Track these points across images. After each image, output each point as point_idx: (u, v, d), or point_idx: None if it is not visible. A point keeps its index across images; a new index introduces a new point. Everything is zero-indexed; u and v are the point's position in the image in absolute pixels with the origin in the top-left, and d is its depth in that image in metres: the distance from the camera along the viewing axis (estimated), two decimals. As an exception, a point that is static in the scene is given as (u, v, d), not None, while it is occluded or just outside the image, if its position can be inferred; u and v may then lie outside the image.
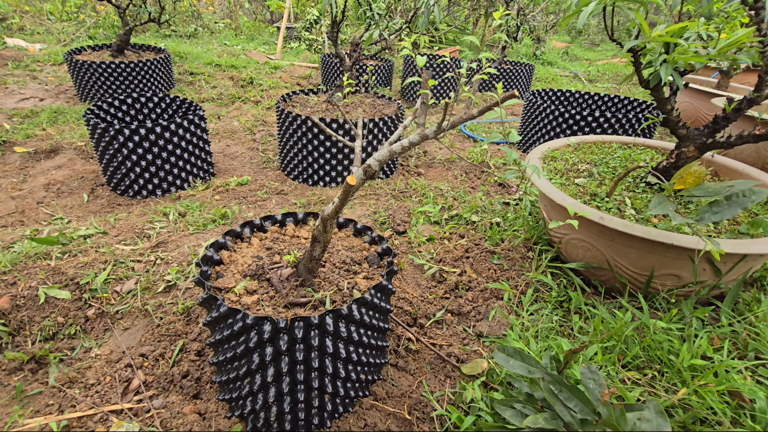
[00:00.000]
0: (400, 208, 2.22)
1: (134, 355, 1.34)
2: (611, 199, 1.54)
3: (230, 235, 1.33)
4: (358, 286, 1.20)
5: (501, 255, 1.77)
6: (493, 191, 2.52)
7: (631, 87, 5.84)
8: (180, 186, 2.43)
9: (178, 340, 1.40)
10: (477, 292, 1.61)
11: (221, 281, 1.18)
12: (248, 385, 1.09)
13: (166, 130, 2.27)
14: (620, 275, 1.48)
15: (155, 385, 1.26)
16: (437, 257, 1.80)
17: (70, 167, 2.64)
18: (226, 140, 3.19)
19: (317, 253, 1.10)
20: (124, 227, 1.97)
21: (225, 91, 4.25)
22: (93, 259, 1.66)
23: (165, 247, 1.84)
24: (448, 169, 2.88)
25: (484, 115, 3.95)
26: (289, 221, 1.46)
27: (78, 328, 1.46)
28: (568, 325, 1.43)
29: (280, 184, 2.56)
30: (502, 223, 2.03)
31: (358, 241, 1.42)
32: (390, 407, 1.24)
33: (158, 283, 1.62)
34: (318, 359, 1.06)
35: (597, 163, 1.83)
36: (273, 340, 1.00)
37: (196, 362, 1.33)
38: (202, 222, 2.03)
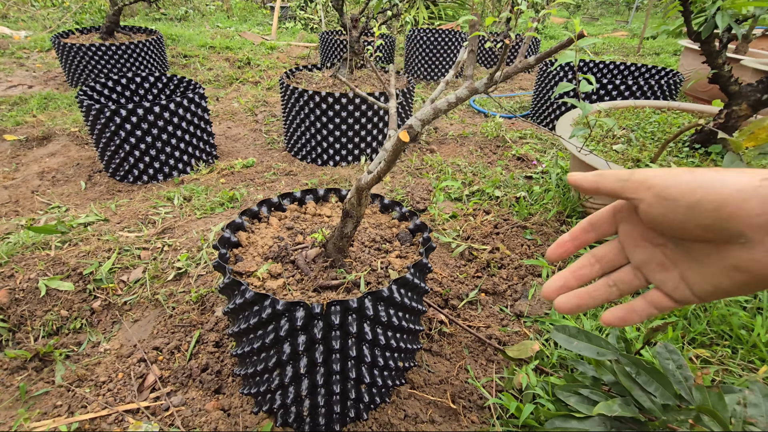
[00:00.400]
0: (418, 185, 2.09)
1: (147, 348, 1.23)
2: (657, 165, 1.42)
3: (247, 215, 1.20)
4: (392, 265, 1.09)
5: (533, 230, 1.65)
6: (512, 165, 2.40)
7: (638, 59, 5.66)
8: (182, 170, 2.30)
9: (193, 330, 1.29)
10: (511, 270, 1.50)
11: (241, 265, 1.06)
12: (278, 377, 0.98)
13: (165, 110, 2.13)
14: (668, 246, 1.37)
15: (173, 381, 1.15)
16: (464, 234, 1.69)
17: (65, 154, 2.50)
18: (227, 122, 3.04)
19: (349, 229, 0.98)
20: (127, 213, 1.85)
21: (222, 72, 4.07)
22: (96, 247, 1.53)
23: (172, 233, 1.72)
24: (461, 145, 2.75)
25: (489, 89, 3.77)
26: (309, 198, 1.34)
27: (84, 321, 1.34)
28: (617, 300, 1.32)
29: (287, 164, 2.43)
30: (528, 197, 1.91)
31: (386, 218, 1.30)
32: (430, 395, 1.14)
33: (168, 270, 1.50)
34: (355, 347, 0.95)
35: (633, 128, 1.70)
36: (307, 327, 0.89)
37: (215, 354, 1.23)
38: (209, 206, 1.90)
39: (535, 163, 2.36)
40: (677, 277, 0.40)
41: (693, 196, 0.35)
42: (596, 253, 0.45)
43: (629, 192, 0.39)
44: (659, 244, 0.41)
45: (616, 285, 0.44)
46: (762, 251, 0.33)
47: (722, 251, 0.36)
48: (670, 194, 0.36)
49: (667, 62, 5.27)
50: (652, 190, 0.37)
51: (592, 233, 0.46)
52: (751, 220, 0.33)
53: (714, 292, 0.38)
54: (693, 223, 0.36)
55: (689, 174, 0.36)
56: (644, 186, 0.38)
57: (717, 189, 0.34)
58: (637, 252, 0.43)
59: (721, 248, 0.36)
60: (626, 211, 0.43)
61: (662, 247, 0.41)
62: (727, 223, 0.34)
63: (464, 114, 3.39)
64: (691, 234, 0.37)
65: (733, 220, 0.34)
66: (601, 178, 0.41)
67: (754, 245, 0.34)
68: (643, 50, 6.13)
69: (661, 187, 0.37)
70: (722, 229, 0.34)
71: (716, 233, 0.35)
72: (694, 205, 0.35)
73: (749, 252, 0.34)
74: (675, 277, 0.40)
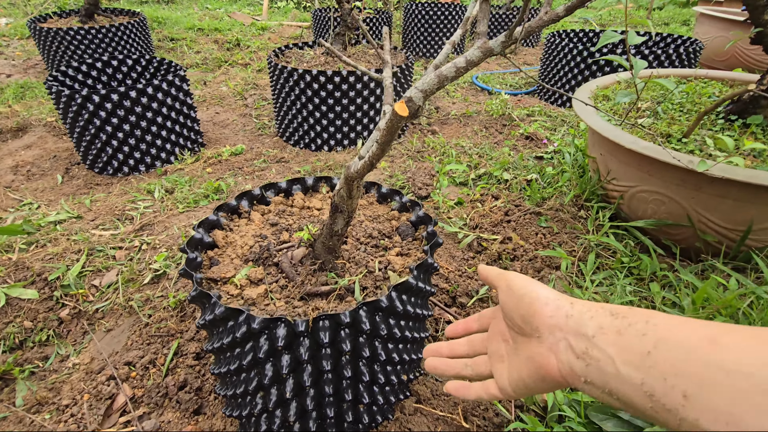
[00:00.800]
0: (419, 170, 1.93)
1: (119, 363, 1.10)
2: (690, 140, 1.25)
3: (224, 211, 1.05)
4: (392, 265, 0.93)
5: (548, 216, 1.49)
6: (520, 145, 2.22)
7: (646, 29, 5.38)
8: (166, 159, 2.13)
9: (171, 341, 1.15)
10: (525, 262, 1.35)
11: (216, 270, 0.91)
12: (261, 400, 0.84)
13: (142, 95, 1.95)
14: (704, 232, 1.21)
15: (146, 401, 1.01)
16: (472, 223, 1.53)
17: (41, 146, 2.34)
18: (215, 107, 2.86)
19: (339, 226, 0.83)
20: (102, 209, 1.69)
21: (210, 55, 3.86)
22: (64, 248, 1.39)
23: (151, 230, 1.57)
24: (465, 125, 2.57)
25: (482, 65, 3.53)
26: (297, 189, 1.18)
27: (51, 332, 1.20)
28: (646, 296, 1.17)
29: (279, 151, 2.26)
30: (541, 180, 1.75)
31: (384, 209, 1.14)
32: (438, 410, 1.01)
33: (144, 272, 1.35)
34: (351, 365, 0.81)
35: (659, 99, 1.52)
36: (291, 346, 0.75)
37: (195, 368, 1.09)
38: (192, 198, 1.74)
39: (545, 142, 2.19)
40: (506, 369, 0.49)
41: (521, 291, 0.47)
42: (471, 339, 0.58)
43: (497, 281, 0.52)
44: (505, 339, 0.51)
45: (470, 366, 0.55)
46: (545, 346, 0.43)
47: (526, 344, 0.46)
48: (512, 286, 0.48)
49: (677, 32, 5.01)
50: (507, 281, 0.50)
51: (477, 324, 0.58)
52: (545, 320, 0.43)
53: (518, 382, 0.47)
54: (517, 312, 0.47)
55: (527, 279, 0.49)
56: (504, 278, 0.51)
57: (535, 291, 0.46)
58: (492, 344, 0.53)
59: (527, 341, 0.46)
60: (499, 313, 0.53)
61: (506, 343, 0.51)
62: (532, 318, 0.45)
63: (467, 92, 3.19)
64: (517, 323, 0.47)
65: (535, 317, 0.44)
66: (490, 270, 0.55)
67: (542, 341, 0.43)
68: (652, 21, 5.85)
69: (510, 279, 0.49)
70: (529, 322, 0.45)
71: (527, 326, 0.45)
72: (521, 297, 0.46)
73: (538, 346, 0.44)
74: (504, 369, 0.49)
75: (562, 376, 0.42)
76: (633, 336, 0.37)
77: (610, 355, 0.38)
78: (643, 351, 0.36)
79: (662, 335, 0.36)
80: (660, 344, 0.36)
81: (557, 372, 0.42)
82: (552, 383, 0.44)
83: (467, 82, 3.39)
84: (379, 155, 0.60)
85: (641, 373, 0.36)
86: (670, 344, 0.35)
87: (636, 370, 0.36)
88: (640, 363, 0.36)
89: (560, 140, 2.13)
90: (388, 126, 0.53)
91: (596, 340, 0.39)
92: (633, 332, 0.38)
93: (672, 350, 0.35)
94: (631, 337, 0.38)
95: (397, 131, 0.54)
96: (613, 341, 0.38)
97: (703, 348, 0.34)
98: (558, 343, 0.42)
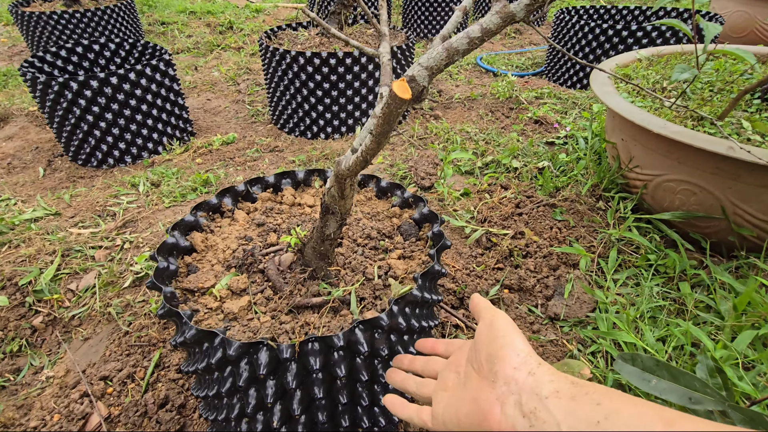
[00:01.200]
0: (422, 158, 1.80)
1: (94, 377, 1.00)
2: (725, 122, 1.12)
3: (203, 210, 0.93)
4: (393, 270, 0.82)
5: (563, 208, 1.37)
6: (529, 130, 2.09)
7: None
8: (153, 150, 2.01)
9: (152, 351, 1.05)
10: (539, 259, 1.24)
11: (194, 278, 0.80)
12: (247, 427, 0.74)
13: (124, 81, 1.82)
14: (740, 225, 1.09)
15: (123, 421, 0.92)
16: (480, 216, 1.41)
17: (23, 137, 2.22)
18: (206, 93, 2.72)
19: (332, 229, 0.71)
20: (83, 205, 1.58)
21: (201, 39, 3.70)
22: (38, 249, 1.28)
23: (134, 227, 1.46)
24: (469, 109, 2.42)
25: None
26: (286, 184, 1.06)
27: (23, 342, 1.11)
28: (675, 297, 1.06)
29: (273, 139, 2.13)
30: (553, 167, 1.62)
31: (384, 205, 1.02)
32: (446, 428, 0.90)
33: (125, 275, 1.25)
34: (347, 389, 0.70)
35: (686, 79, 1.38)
36: (276, 372, 0.64)
37: (178, 382, 0.99)
38: (179, 192, 1.63)
39: (556, 126, 2.05)
40: (446, 400, 0.49)
41: (499, 333, 0.47)
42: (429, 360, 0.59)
43: (484, 313, 0.51)
44: (458, 372, 0.52)
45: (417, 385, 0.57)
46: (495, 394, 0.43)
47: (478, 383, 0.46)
48: (494, 325, 0.48)
49: (688, 6, 4.78)
50: (492, 318, 0.49)
51: (444, 348, 0.60)
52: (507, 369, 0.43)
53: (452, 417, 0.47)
54: (486, 349, 0.47)
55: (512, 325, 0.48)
56: (491, 314, 0.50)
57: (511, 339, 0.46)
58: (445, 371, 0.54)
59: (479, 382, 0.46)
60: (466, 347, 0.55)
61: (456, 375, 0.51)
62: (497, 361, 0.45)
63: (471, 74, 3.04)
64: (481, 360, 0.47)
65: (500, 362, 0.44)
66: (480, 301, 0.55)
67: (494, 387, 0.43)
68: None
69: (496, 318, 0.49)
70: (492, 364, 0.45)
71: (488, 366, 0.45)
72: (496, 338, 0.47)
73: (489, 391, 0.44)
74: (445, 399, 0.50)
75: (500, 430, 0.41)
76: (586, 403, 0.37)
77: (557, 419, 0.37)
78: (592, 420, 0.35)
79: (616, 408, 0.35)
80: (612, 416, 0.35)
81: (497, 424, 0.41)
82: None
83: (471, 63, 3.23)
84: (374, 149, 0.48)
85: None
86: (622, 418, 0.34)
87: None
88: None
89: (572, 124, 1.99)
90: (386, 112, 0.41)
91: (548, 401, 0.38)
92: (587, 400, 0.37)
93: (623, 425, 0.34)
94: (583, 404, 0.37)
95: (397, 119, 0.42)
96: (565, 406, 0.37)
97: (656, 428, 0.32)
98: (509, 396, 0.41)
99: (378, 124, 0.43)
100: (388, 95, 0.39)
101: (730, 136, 1.06)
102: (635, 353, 0.66)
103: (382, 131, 0.44)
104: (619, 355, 0.67)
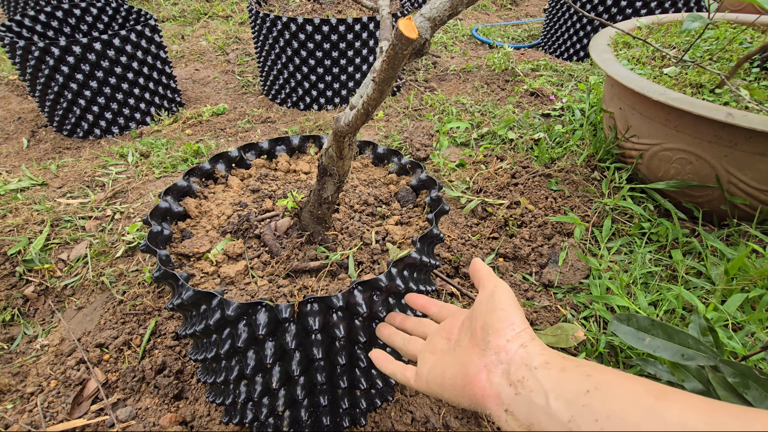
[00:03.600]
0: (417, 129, 1.78)
1: (90, 345, 0.99)
2: (725, 90, 1.11)
3: (196, 176, 0.91)
4: (390, 236, 0.82)
5: (558, 179, 1.37)
6: (525, 102, 2.06)
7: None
8: (141, 120, 1.96)
9: (148, 319, 1.05)
10: (534, 229, 1.24)
11: (189, 244, 0.79)
12: (246, 389, 0.75)
13: (108, 47, 1.75)
14: (733, 194, 1.10)
15: (121, 386, 0.92)
16: (475, 187, 1.41)
17: (4, 107, 2.14)
18: (195, 63, 2.63)
19: (329, 192, 0.70)
20: (70, 176, 1.54)
21: (188, 6, 3.56)
22: (26, 219, 1.25)
23: (124, 197, 1.43)
24: (464, 81, 2.39)
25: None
26: (281, 150, 1.04)
27: (15, 312, 1.09)
28: (668, 264, 1.07)
29: (264, 110, 2.09)
30: (549, 139, 1.61)
31: (381, 172, 1.01)
32: (442, 391, 0.92)
33: (117, 245, 1.23)
34: (346, 351, 0.71)
35: (684, 47, 1.36)
36: (274, 333, 0.64)
37: (175, 348, 0.99)
38: (169, 162, 1.59)
39: (552, 98, 2.03)
40: (432, 361, 0.50)
41: (501, 304, 0.46)
42: (421, 321, 0.61)
43: (486, 282, 0.50)
44: (448, 338, 0.52)
45: (404, 341, 0.58)
46: (483, 361, 0.43)
47: (467, 349, 0.46)
48: (496, 295, 0.47)
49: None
50: (494, 288, 0.48)
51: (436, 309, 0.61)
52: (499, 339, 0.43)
53: (437, 378, 0.47)
54: (483, 319, 0.46)
55: (513, 299, 0.47)
56: (493, 283, 0.49)
57: (511, 312, 0.45)
58: (435, 336, 0.54)
59: (469, 348, 0.46)
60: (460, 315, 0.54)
61: (447, 341, 0.52)
62: (491, 331, 0.44)
63: (466, 45, 2.98)
64: (476, 327, 0.47)
65: (494, 332, 0.44)
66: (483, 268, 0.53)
67: (484, 355, 0.43)
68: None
69: (498, 289, 0.48)
70: (486, 333, 0.45)
71: (482, 334, 0.45)
72: (495, 309, 0.46)
73: (478, 357, 0.44)
74: (431, 361, 0.50)
75: (483, 396, 0.41)
76: (575, 374, 0.36)
77: (545, 388, 0.37)
78: (581, 389, 0.35)
79: (606, 379, 0.35)
80: (602, 386, 0.34)
81: (481, 390, 0.41)
82: (467, 398, 0.43)
83: (467, 35, 3.16)
84: (377, 99, 0.46)
85: (571, 411, 0.34)
86: (612, 388, 0.34)
87: (567, 406, 0.35)
88: (573, 400, 0.35)
89: (568, 96, 1.97)
90: (390, 55, 0.39)
91: (537, 372, 0.38)
92: (577, 372, 0.37)
93: (613, 395, 0.33)
94: (573, 374, 0.37)
95: (402, 64, 0.41)
96: (554, 376, 0.37)
97: (647, 398, 0.32)
98: (498, 365, 0.41)
99: (382, 69, 0.41)
100: (394, 35, 0.37)
101: (729, 104, 1.05)
102: (630, 314, 0.67)
103: (386, 77, 0.42)
104: (615, 315, 0.68)
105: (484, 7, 3.89)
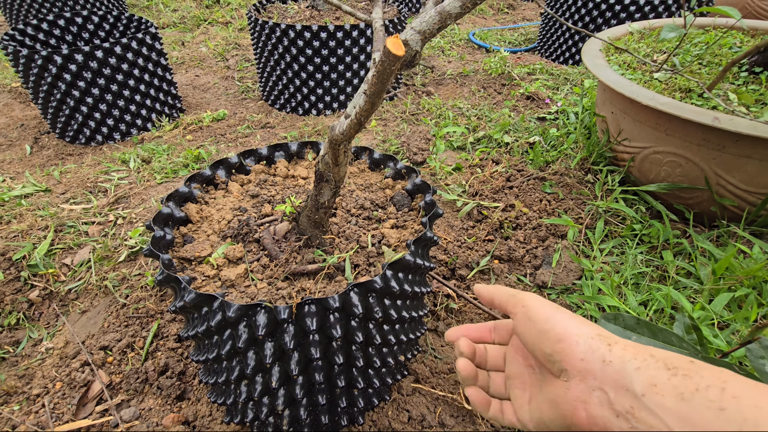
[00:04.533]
0: (414, 134, 1.81)
1: (94, 347, 1.02)
2: (713, 94, 1.14)
3: (197, 181, 0.94)
4: (386, 239, 0.84)
5: (553, 182, 1.40)
6: (521, 106, 2.09)
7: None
8: (142, 127, 1.99)
9: (150, 322, 1.07)
10: (529, 231, 1.26)
11: (190, 248, 0.81)
12: (246, 389, 0.77)
13: (110, 55, 1.78)
14: (722, 196, 1.12)
15: (125, 388, 0.94)
16: (471, 190, 1.43)
17: (7, 114, 2.17)
18: (195, 70, 2.67)
19: (326, 197, 0.73)
20: (73, 182, 1.57)
21: (188, 13, 3.60)
22: (30, 225, 1.28)
23: (126, 203, 1.46)
24: (461, 85, 2.42)
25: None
26: (280, 156, 1.07)
27: (20, 316, 1.12)
28: (658, 265, 1.10)
29: (264, 116, 2.12)
30: (544, 142, 1.64)
31: (377, 177, 1.04)
32: (438, 390, 0.95)
33: (119, 249, 1.25)
34: (343, 351, 0.73)
35: (675, 52, 1.39)
36: (273, 334, 0.66)
37: (177, 350, 1.01)
38: (171, 168, 1.62)
39: (548, 102, 2.06)
40: (527, 398, 0.44)
41: (545, 325, 0.40)
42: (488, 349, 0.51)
43: (511, 306, 0.45)
44: (530, 365, 0.46)
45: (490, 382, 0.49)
46: (573, 394, 0.37)
47: (551, 383, 0.40)
48: (533, 316, 0.41)
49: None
50: (524, 309, 0.42)
51: (494, 335, 0.52)
52: (574, 363, 0.37)
53: (539, 422, 0.41)
54: (539, 348, 0.40)
55: (552, 307, 0.41)
56: (520, 304, 0.43)
57: (562, 325, 0.39)
58: (512, 365, 0.47)
59: (552, 380, 0.40)
60: None
61: (530, 369, 0.45)
62: (558, 356, 0.38)
63: (463, 50, 3.01)
64: (537, 358, 0.41)
65: (562, 356, 0.38)
66: (496, 290, 0.48)
67: (570, 387, 0.37)
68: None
69: (530, 308, 0.42)
70: (554, 361, 0.39)
71: (550, 364, 0.39)
72: (543, 333, 0.40)
73: (565, 391, 0.38)
74: (525, 397, 0.44)
75: (593, 430, 0.36)
76: (704, 408, 0.30)
77: (669, 426, 0.30)
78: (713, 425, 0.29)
79: (749, 416, 0.28)
80: (747, 426, 0.28)
81: (587, 426, 0.36)
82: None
83: (463, 39, 3.20)
84: (368, 110, 0.49)
85: None
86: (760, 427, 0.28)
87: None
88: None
89: (564, 100, 2.00)
90: (380, 70, 0.42)
91: (647, 400, 0.32)
92: (704, 403, 0.30)
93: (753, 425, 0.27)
94: (702, 408, 0.30)
95: (391, 78, 0.43)
96: (675, 408, 0.31)
97: None
98: (591, 393, 0.35)
99: (372, 83, 0.44)
100: (382, 52, 0.40)
101: (717, 108, 1.08)
102: (617, 313, 0.69)
103: (376, 90, 0.45)
104: (602, 315, 0.70)
105: (481, 11, 3.93)
